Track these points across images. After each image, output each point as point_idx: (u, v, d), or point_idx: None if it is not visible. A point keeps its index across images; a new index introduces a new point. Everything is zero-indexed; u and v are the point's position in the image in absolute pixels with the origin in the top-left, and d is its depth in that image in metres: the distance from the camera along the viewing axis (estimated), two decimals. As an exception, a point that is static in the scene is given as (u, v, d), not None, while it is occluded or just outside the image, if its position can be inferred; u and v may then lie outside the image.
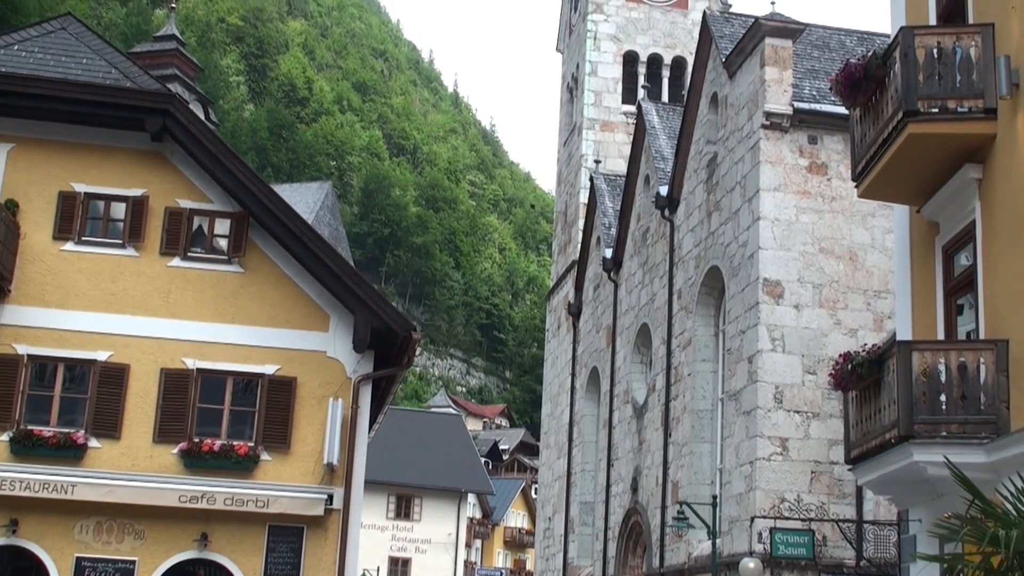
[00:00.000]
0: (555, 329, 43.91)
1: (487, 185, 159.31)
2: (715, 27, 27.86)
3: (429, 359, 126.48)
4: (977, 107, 13.36)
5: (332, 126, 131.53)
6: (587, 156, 41.32)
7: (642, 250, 32.45)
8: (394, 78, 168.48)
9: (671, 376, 28.37)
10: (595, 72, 42.45)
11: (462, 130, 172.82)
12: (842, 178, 23.57)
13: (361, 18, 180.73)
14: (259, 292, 19.02)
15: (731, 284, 25.05)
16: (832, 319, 23.42)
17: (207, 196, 19.17)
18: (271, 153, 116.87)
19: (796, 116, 24.09)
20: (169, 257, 18.90)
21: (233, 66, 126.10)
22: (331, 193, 51.89)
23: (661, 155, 31.92)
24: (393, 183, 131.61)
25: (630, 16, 43.17)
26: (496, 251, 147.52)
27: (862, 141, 15.00)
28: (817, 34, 27.77)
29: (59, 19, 21.04)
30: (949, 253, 14.50)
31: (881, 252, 23.69)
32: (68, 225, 18.70)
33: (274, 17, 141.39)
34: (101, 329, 18.37)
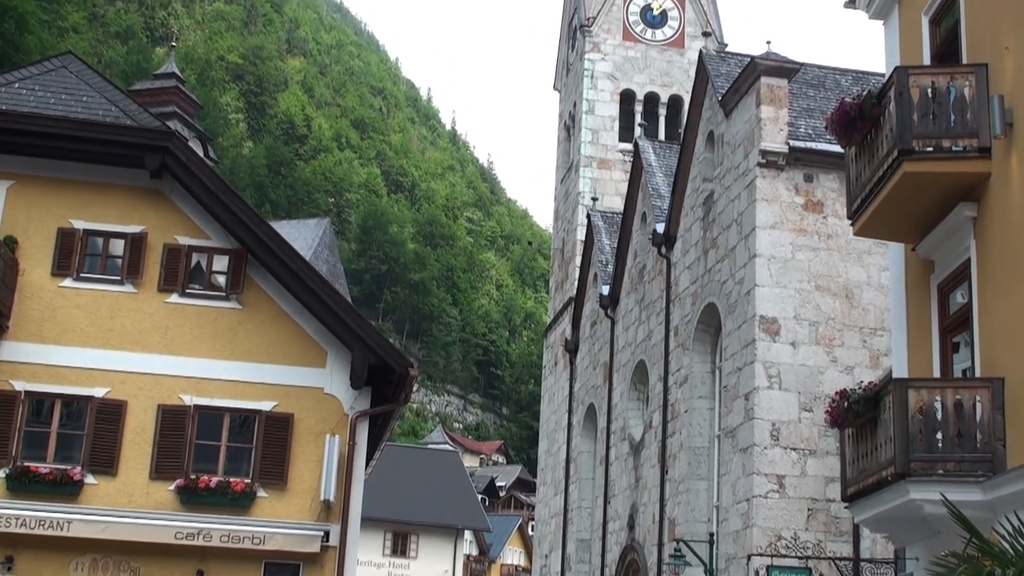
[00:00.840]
0: (552, 366, 43.90)
1: (485, 222, 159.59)
2: (711, 66, 28.04)
3: (426, 395, 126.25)
4: (971, 146, 13.46)
5: (330, 163, 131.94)
6: (584, 193, 41.47)
7: (639, 287, 32.51)
8: (392, 115, 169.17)
9: (668, 413, 28.35)
10: (592, 110, 42.68)
11: (460, 167, 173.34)
12: (838, 216, 23.66)
13: (360, 56, 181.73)
14: (257, 328, 19.05)
15: (727, 321, 25.09)
16: (828, 356, 23.45)
17: (206, 233, 19.24)
18: (270, 190, 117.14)
19: (792, 154, 24.21)
20: (167, 293, 18.94)
21: (232, 103, 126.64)
22: (329, 230, 51.98)
23: (658, 193, 32.04)
24: (391, 220, 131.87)
25: (627, 55, 43.49)
26: (493, 288, 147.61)
27: (857, 179, 15.09)
28: (812, 73, 27.94)
29: (60, 57, 21.18)
30: (944, 291, 14.56)
31: (877, 290, 23.76)
32: (67, 261, 18.76)
33: (273, 55, 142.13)
34: (99, 365, 18.39)
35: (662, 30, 44.07)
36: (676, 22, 44.19)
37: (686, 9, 44.36)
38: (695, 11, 44.40)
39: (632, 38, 43.82)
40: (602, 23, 43.83)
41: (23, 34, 69.63)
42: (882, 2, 16.92)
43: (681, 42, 43.92)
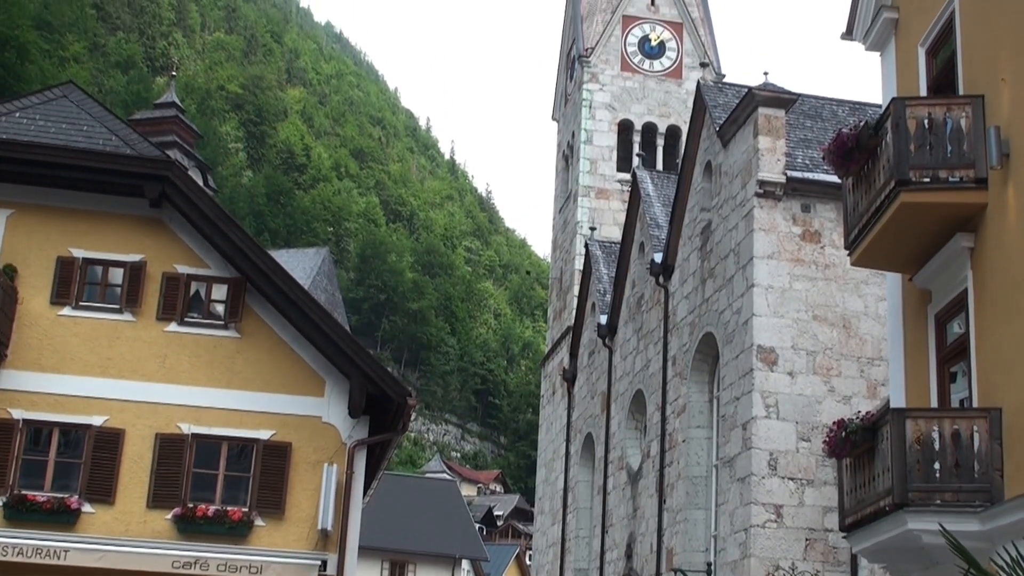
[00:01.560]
0: (550, 395, 43.87)
1: (483, 251, 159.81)
2: (709, 97, 28.17)
3: (424, 424, 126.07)
4: (968, 177, 13.54)
5: (330, 192, 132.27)
6: (582, 223, 41.58)
7: (637, 317, 32.54)
8: (391, 145, 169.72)
9: (665, 442, 28.32)
10: (590, 140, 42.86)
11: (458, 197, 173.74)
12: (835, 246, 23.72)
13: (359, 86, 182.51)
14: (255, 357, 19.06)
15: (725, 351, 25.11)
16: (826, 386, 23.45)
17: (205, 262, 19.29)
18: (269, 219, 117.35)
19: (789, 184, 24.28)
20: (166, 322, 18.96)
21: (232, 133, 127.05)
22: (328, 259, 52.08)
23: (656, 222, 32.12)
24: (389, 249, 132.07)
25: (625, 85, 43.69)
26: (491, 317, 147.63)
27: (855, 210, 15.15)
28: (810, 104, 28.07)
29: (61, 87, 21.29)
30: (942, 321, 14.61)
31: (874, 320, 23.79)
32: (66, 290, 18.78)
33: (273, 85, 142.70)
34: (97, 394, 18.39)
35: (660, 61, 44.30)
36: (674, 53, 44.44)
37: (684, 40, 44.61)
38: (693, 42, 44.65)
39: (630, 68, 44.04)
40: (600, 54, 44.06)
41: (24, 64, 70.02)
42: (879, 34, 17.05)
43: (679, 73, 44.16)
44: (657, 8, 44.98)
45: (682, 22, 44.89)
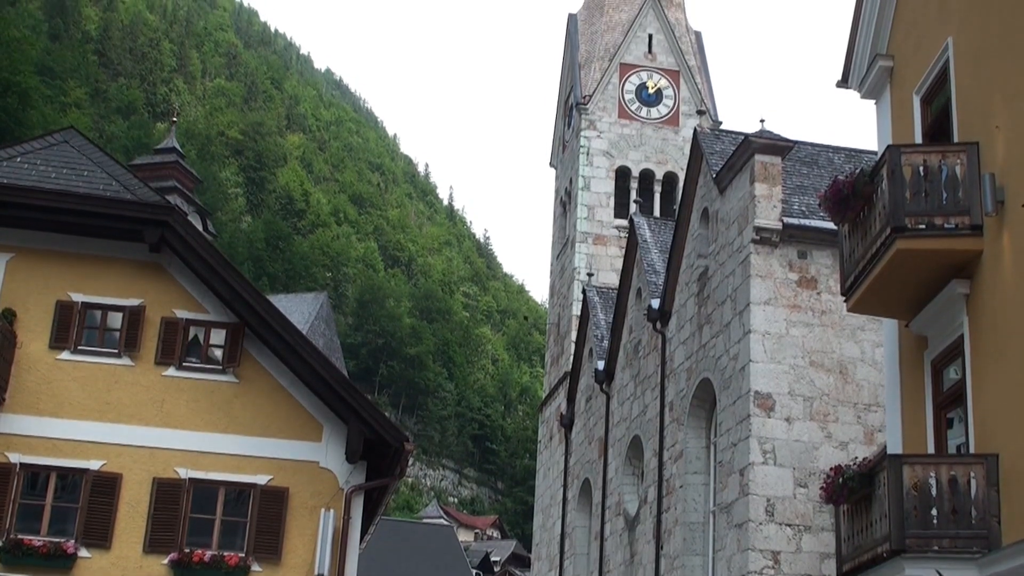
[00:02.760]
0: (547, 440, 43.77)
1: (481, 297, 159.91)
2: (705, 144, 28.34)
3: (421, 469, 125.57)
4: (963, 224, 13.64)
5: (328, 238, 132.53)
6: (580, 269, 41.71)
7: (634, 362, 32.55)
8: (390, 191, 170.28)
9: (663, 488, 28.25)
10: (588, 187, 43.06)
11: (456, 242, 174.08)
12: (831, 292, 23.79)
13: (359, 132, 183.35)
14: (253, 402, 19.07)
15: (722, 397, 25.11)
16: (823, 432, 23.44)
17: (203, 307, 19.34)
18: (268, 264, 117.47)
19: (786, 231, 24.38)
20: (164, 367, 18.99)
21: (232, 178, 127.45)
22: (326, 304, 52.14)
23: (653, 269, 32.20)
24: (388, 294, 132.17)
25: (622, 132, 43.98)
26: (489, 362, 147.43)
27: (851, 256, 15.25)
28: (806, 151, 28.24)
29: (62, 132, 21.41)
30: (938, 367, 14.66)
31: (871, 366, 23.82)
32: (65, 334, 18.82)
33: (273, 131, 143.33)
34: (94, 438, 18.37)
35: (657, 108, 44.62)
36: (671, 100, 44.75)
37: (681, 88, 44.94)
38: (690, 90, 44.98)
39: (628, 116, 44.34)
40: (598, 101, 44.38)
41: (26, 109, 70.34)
42: (874, 82, 17.22)
43: (676, 120, 44.45)
44: (654, 56, 45.35)
45: (679, 70, 45.24)
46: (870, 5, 17.29)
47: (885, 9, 17.08)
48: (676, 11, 47.11)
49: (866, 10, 17.37)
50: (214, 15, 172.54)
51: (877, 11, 17.18)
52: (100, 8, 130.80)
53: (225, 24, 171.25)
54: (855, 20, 17.62)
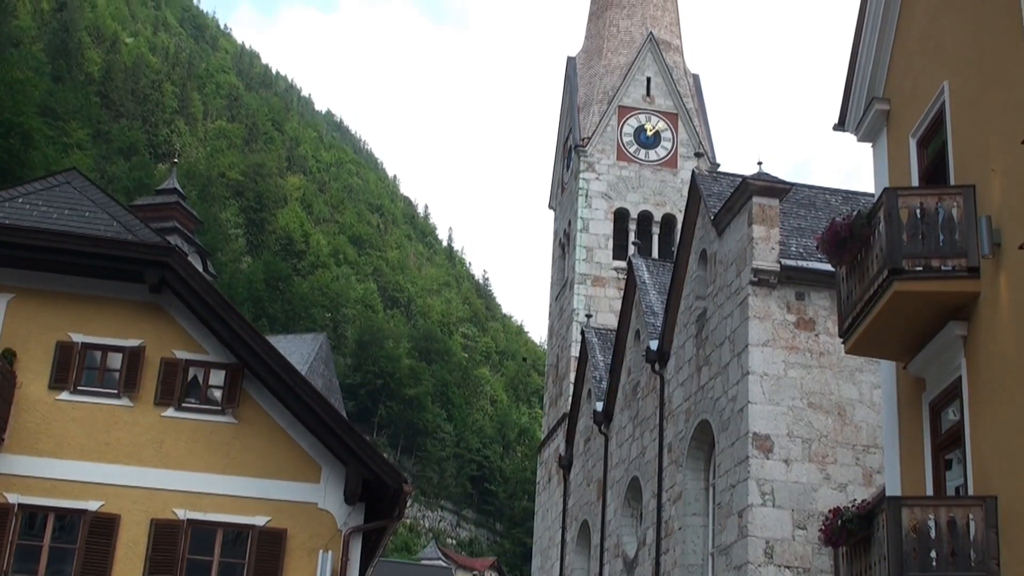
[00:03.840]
0: (546, 482, 43.66)
1: (480, 338, 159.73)
2: (704, 186, 28.49)
3: (420, 511, 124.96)
4: (960, 266, 13.71)
5: (328, 278, 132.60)
6: (578, 310, 41.78)
7: (632, 404, 32.54)
8: (390, 232, 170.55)
9: (661, 530, 28.17)
10: (587, 228, 43.23)
11: (456, 283, 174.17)
12: (829, 334, 23.85)
13: (359, 174, 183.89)
14: (252, 443, 19.06)
15: (721, 438, 25.10)
16: (822, 473, 23.42)
17: (203, 347, 19.37)
18: (267, 304, 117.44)
19: (783, 273, 24.47)
20: (163, 407, 19.00)
21: (232, 219, 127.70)
22: (325, 344, 52.16)
23: (651, 310, 32.26)
24: (387, 335, 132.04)
25: (621, 175, 44.21)
26: (488, 403, 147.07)
27: (848, 298, 15.30)
28: (803, 193, 28.39)
29: (64, 173, 21.52)
30: (936, 409, 14.68)
31: (869, 407, 23.84)
32: (64, 375, 18.84)
33: (274, 172, 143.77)
34: (93, 479, 18.34)
35: (655, 150, 44.87)
36: (669, 143, 45.02)
37: (679, 130, 45.22)
38: (688, 132, 45.26)
39: (626, 158, 44.59)
40: (597, 143, 44.63)
41: (28, 150, 70.62)
42: (871, 125, 17.35)
43: (674, 162, 44.70)
44: (652, 99, 45.65)
45: (677, 113, 45.54)
46: (866, 49, 17.46)
47: (881, 53, 17.25)
48: (674, 55, 47.48)
49: (862, 54, 17.54)
50: (216, 57, 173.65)
51: (873, 55, 17.35)
52: (103, 50, 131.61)
53: (227, 66, 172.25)
54: (851, 64, 17.79)
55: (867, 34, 17.41)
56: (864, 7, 17.45)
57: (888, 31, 17.13)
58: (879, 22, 17.23)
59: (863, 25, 17.49)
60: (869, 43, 17.41)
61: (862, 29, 17.51)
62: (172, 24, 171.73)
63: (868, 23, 17.39)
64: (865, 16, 17.43)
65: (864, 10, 17.45)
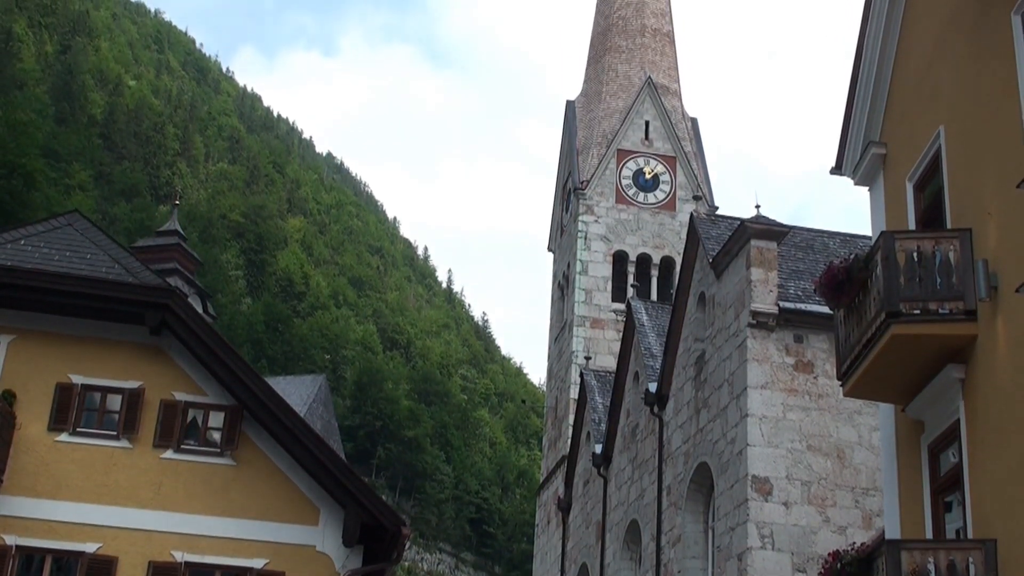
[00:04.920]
0: (544, 524, 43.49)
1: (479, 379, 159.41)
2: (702, 229, 28.59)
3: (418, 553, 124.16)
4: (958, 309, 13.76)
5: (327, 320, 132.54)
6: (577, 352, 41.80)
7: (631, 446, 32.50)
8: (390, 274, 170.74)
9: (661, 573, 28.03)
10: (586, 271, 43.34)
11: (455, 325, 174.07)
12: (828, 376, 23.87)
13: (359, 216, 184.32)
14: (250, 485, 19.04)
15: (720, 481, 25.05)
16: (821, 516, 23.37)
17: (202, 389, 19.39)
18: (267, 346, 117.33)
19: (782, 315, 24.53)
20: (162, 449, 19.00)
21: (233, 260, 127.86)
22: (324, 386, 52.16)
23: (650, 352, 32.28)
24: (386, 377, 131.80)
25: (620, 217, 44.39)
26: (487, 445, 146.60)
27: (846, 341, 15.34)
28: (801, 236, 28.50)
29: (67, 215, 21.64)
30: (935, 452, 14.68)
31: (868, 449, 23.81)
32: (64, 416, 18.84)
33: (274, 214, 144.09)
34: (91, 520, 18.31)
35: (654, 193, 45.08)
36: (668, 186, 45.25)
37: (677, 173, 45.46)
38: (686, 175, 45.49)
39: (625, 201, 44.79)
40: (596, 186, 44.84)
41: (30, 191, 70.79)
42: (867, 169, 17.47)
43: (672, 205, 44.91)
44: (651, 142, 45.92)
45: (675, 156, 45.80)
46: (863, 93, 17.61)
47: (878, 98, 17.40)
48: (672, 99, 47.80)
49: (859, 98, 17.69)
50: (218, 100, 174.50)
51: (870, 99, 17.50)
52: (106, 93, 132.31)
53: (228, 109, 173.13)
54: (848, 108, 17.94)
55: (863, 79, 17.57)
56: (860, 52, 17.63)
57: (884, 76, 17.30)
58: (875, 67, 17.40)
59: (859, 70, 17.65)
60: (865, 88, 17.57)
61: (858, 74, 17.67)
62: (175, 67, 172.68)
63: (864, 68, 17.56)
64: (861, 61, 17.60)
65: (860, 55, 17.62)
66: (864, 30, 17.52)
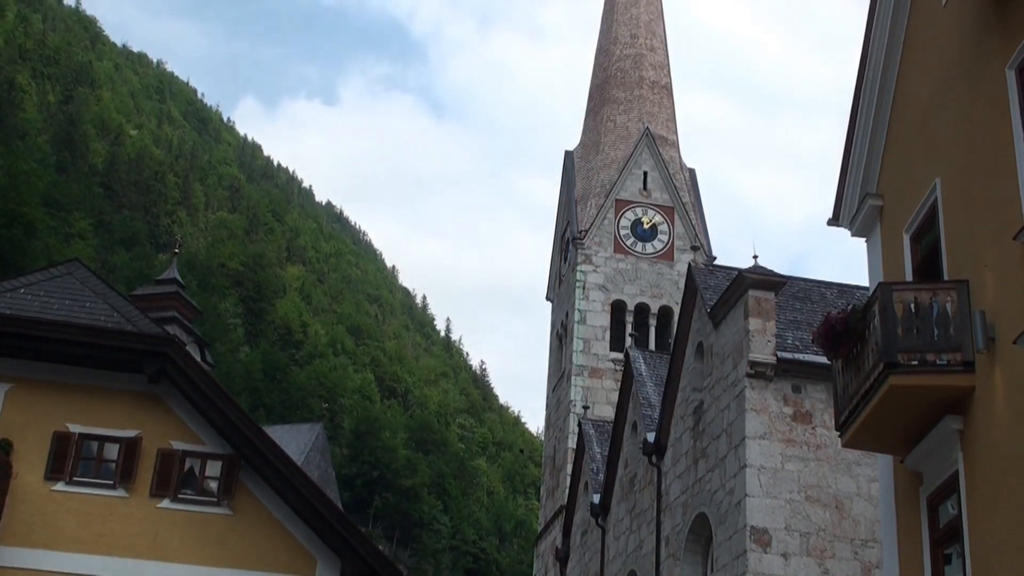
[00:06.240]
0: (542, 575, 43.22)
1: (477, 428, 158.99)
2: (700, 279, 28.66)
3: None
4: (955, 360, 13.78)
5: (325, 369, 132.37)
6: (575, 402, 41.76)
7: (629, 496, 32.38)
8: (388, 322, 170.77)
9: (661, 626, 27.85)
10: (584, 320, 43.40)
11: (453, 374, 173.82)
12: (826, 427, 23.83)
13: (358, 264, 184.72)
14: (247, 535, 18.95)
15: (718, 531, 24.95)
16: (820, 568, 23.24)
17: (200, 438, 19.34)
18: (264, 394, 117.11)
19: (780, 365, 24.53)
20: (159, 499, 18.91)
21: (231, 309, 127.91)
22: (322, 435, 52.10)
23: (648, 402, 32.25)
24: (383, 426, 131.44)
25: (618, 267, 44.52)
26: (484, 495, 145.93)
27: (845, 391, 15.36)
28: (799, 286, 28.57)
29: (66, 264, 21.67)
30: (934, 503, 14.65)
31: (867, 501, 23.74)
32: (61, 465, 18.77)
33: (273, 263, 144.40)
34: (87, 571, 18.13)
35: (652, 243, 45.24)
36: (666, 236, 45.42)
37: (675, 223, 45.65)
38: (684, 225, 45.67)
39: (623, 251, 44.95)
40: (594, 236, 45.01)
41: (31, 240, 71.03)
42: (864, 220, 17.56)
43: (671, 255, 45.06)
44: (649, 193, 46.16)
45: (673, 206, 46.01)
46: (860, 145, 17.74)
47: (874, 149, 17.52)
48: (670, 149, 48.09)
49: (856, 150, 17.82)
50: (219, 150, 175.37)
51: (866, 151, 17.63)
52: (107, 142, 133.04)
53: (229, 158, 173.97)
54: (845, 160, 18.06)
55: (860, 131, 17.71)
56: (857, 104, 17.78)
57: (881, 128, 17.43)
58: (872, 119, 17.54)
59: (856, 122, 17.79)
60: (862, 139, 17.70)
61: (855, 126, 17.81)
62: (176, 117, 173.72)
63: (861, 120, 17.70)
64: (858, 113, 17.75)
65: (857, 107, 17.77)
66: (860, 82, 17.69)
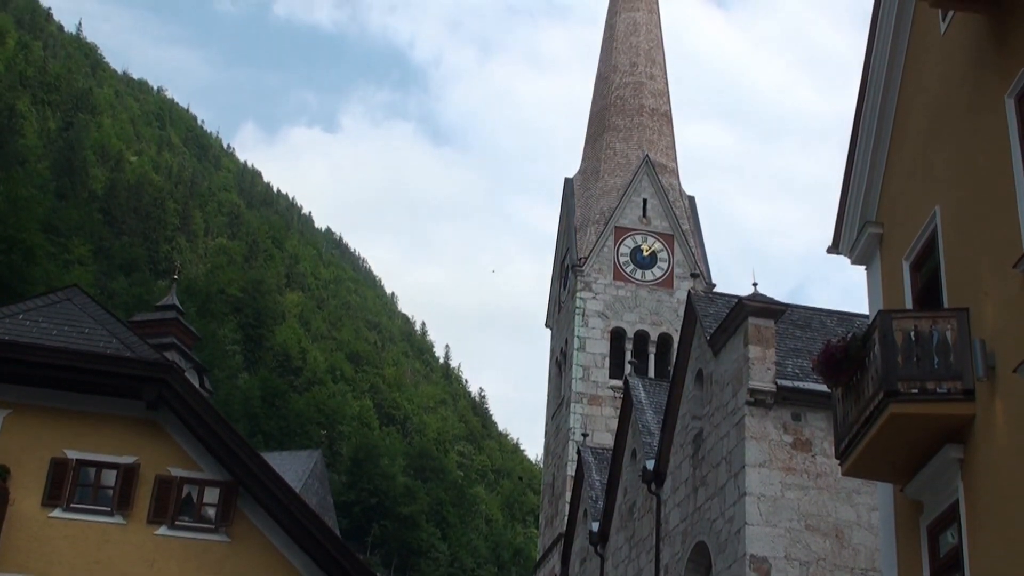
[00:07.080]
0: (542, 604, 43.04)
1: (475, 456, 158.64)
2: (699, 306, 28.64)
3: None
4: (956, 388, 13.74)
5: (324, 395, 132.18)
6: (575, 429, 41.66)
7: (629, 524, 32.25)
8: (387, 349, 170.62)
9: (661, 656, 27.69)
10: (583, 347, 43.36)
11: (452, 401, 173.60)
12: (826, 455, 23.76)
13: (357, 291, 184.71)
14: (245, 562, 18.86)
15: (718, 560, 24.82)
16: (821, 597, 23.13)
17: (198, 464, 19.28)
18: (263, 421, 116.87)
19: (780, 393, 24.48)
20: (156, 526, 18.83)
21: (230, 335, 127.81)
22: (320, 461, 51.94)
23: (648, 429, 32.17)
24: (382, 453, 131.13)
25: (618, 295, 44.51)
26: (483, 522, 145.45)
27: (844, 420, 15.31)
28: (799, 314, 28.54)
29: (66, 290, 21.69)
30: (934, 532, 14.58)
31: (867, 530, 23.63)
32: (58, 491, 18.70)
33: (273, 289, 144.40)
34: (83, 598, 18.14)
35: (651, 271, 45.26)
36: (665, 263, 45.43)
37: (675, 251, 45.68)
38: (683, 253, 45.70)
39: (623, 278, 44.96)
40: (594, 263, 45.03)
41: (30, 265, 71.03)
42: (864, 248, 17.56)
43: (670, 282, 45.06)
44: (649, 220, 46.20)
45: (673, 234, 46.05)
46: (859, 173, 17.76)
47: (874, 178, 17.54)
48: (670, 177, 48.18)
49: (855, 178, 17.84)
50: (218, 176, 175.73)
51: (866, 179, 17.65)
52: (107, 168, 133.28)
53: (229, 185, 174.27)
54: (844, 188, 18.08)
55: (859, 159, 17.74)
56: (856, 132, 17.81)
57: (880, 156, 17.46)
58: (871, 147, 17.57)
59: (855, 150, 17.82)
60: (862, 168, 17.72)
61: (854, 154, 17.84)
62: (176, 144, 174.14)
63: (860, 148, 17.73)
64: (858, 141, 17.77)
65: (856, 135, 17.80)
66: (860, 110, 17.73)
